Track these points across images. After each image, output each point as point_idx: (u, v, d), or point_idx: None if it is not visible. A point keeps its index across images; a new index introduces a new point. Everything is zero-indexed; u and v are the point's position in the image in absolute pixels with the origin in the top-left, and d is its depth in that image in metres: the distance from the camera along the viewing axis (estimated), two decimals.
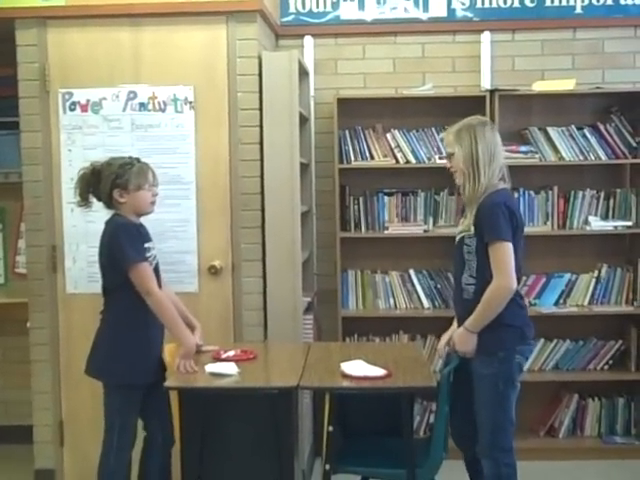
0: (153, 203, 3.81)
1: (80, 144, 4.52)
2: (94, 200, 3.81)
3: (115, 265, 3.69)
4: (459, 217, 4.60)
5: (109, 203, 3.76)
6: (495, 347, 3.60)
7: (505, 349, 3.61)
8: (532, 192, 5.11)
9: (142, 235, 3.76)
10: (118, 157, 3.82)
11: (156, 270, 3.84)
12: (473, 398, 3.68)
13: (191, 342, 3.76)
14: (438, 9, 5.23)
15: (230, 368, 3.67)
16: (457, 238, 3.74)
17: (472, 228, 3.61)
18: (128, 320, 3.72)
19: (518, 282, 3.61)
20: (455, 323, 3.87)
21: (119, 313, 3.76)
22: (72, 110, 4.53)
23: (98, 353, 3.79)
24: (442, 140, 3.96)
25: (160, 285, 3.81)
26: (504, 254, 3.52)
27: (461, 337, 3.66)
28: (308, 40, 5.23)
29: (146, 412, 3.88)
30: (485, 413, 3.64)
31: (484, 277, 3.58)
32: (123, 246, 3.65)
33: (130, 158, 3.80)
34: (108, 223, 3.78)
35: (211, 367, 3.67)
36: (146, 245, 3.76)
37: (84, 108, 4.53)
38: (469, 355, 3.66)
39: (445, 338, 3.91)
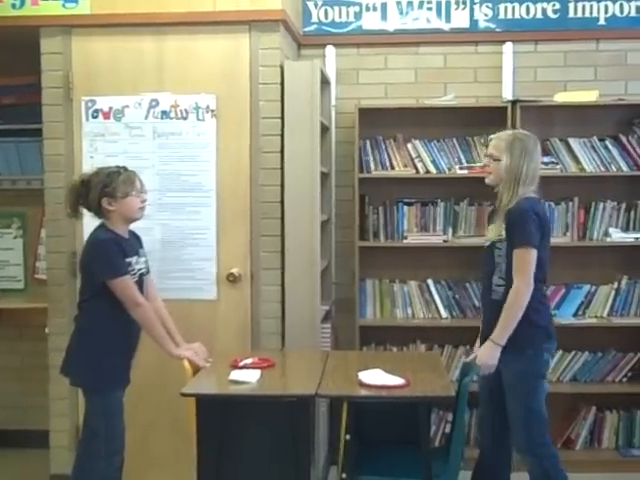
0: (142, 209, 3.88)
1: (102, 151, 4.55)
2: (84, 211, 3.90)
3: (90, 277, 3.77)
4: (481, 224, 4.85)
5: (99, 212, 3.83)
6: (524, 344, 3.72)
7: (534, 347, 3.74)
8: (552, 203, 5.07)
9: (122, 250, 3.78)
10: (105, 167, 3.89)
11: (139, 283, 3.87)
12: (504, 399, 3.79)
13: (173, 350, 3.85)
14: (460, 20, 5.23)
15: (253, 375, 3.69)
16: (488, 243, 3.88)
17: (503, 232, 3.74)
18: (103, 329, 3.76)
19: (545, 285, 3.85)
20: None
21: (93, 322, 3.79)
22: (95, 117, 4.57)
23: (74, 358, 3.83)
24: (490, 140, 3.91)
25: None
26: (527, 259, 3.67)
27: (487, 350, 3.73)
28: (330, 50, 5.24)
29: None
30: (517, 409, 3.75)
31: (512, 279, 3.70)
32: (102, 262, 3.72)
33: (117, 167, 3.87)
34: (91, 234, 3.84)
35: (235, 375, 3.69)
36: (127, 260, 3.79)
37: (106, 116, 4.56)
38: (490, 371, 3.73)
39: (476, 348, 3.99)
